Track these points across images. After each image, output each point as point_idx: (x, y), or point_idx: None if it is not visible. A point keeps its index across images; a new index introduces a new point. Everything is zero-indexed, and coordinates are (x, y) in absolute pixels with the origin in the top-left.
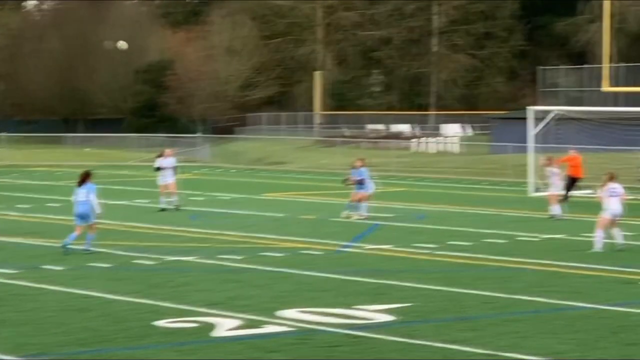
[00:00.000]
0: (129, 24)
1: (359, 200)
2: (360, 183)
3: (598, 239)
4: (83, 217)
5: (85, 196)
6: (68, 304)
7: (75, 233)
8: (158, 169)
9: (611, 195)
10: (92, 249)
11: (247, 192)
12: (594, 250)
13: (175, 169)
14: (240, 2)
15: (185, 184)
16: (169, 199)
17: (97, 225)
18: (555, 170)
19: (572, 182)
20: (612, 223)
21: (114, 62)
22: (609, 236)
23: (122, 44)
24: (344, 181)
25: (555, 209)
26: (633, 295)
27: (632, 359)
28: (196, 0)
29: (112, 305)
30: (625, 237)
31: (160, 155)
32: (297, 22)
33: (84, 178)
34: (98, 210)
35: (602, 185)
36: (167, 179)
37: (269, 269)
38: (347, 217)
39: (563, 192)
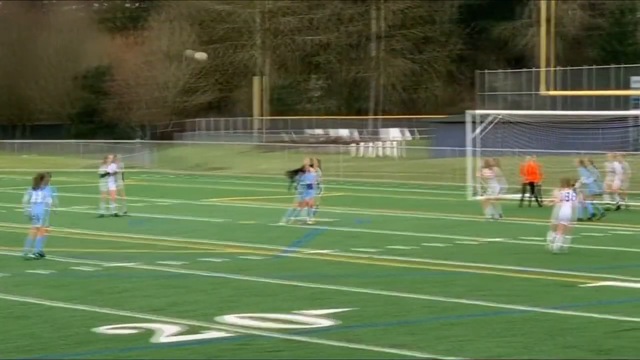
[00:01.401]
0: (68, 30)
1: (310, 205)
2: (310, 187)
3: (549, 240)
4: (35, 219)
5: (43, 198)
6: (7, 311)
7: (40, 237)
8: (105, 174)
9: (564, 200)
10: (32, 255)
11: (187, 197)
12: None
13: (119, 174)
14: (179, 7)
15: (125, 190)
16: (110, 205)
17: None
18: (491, 173)
19: (532, 188)
20: (562, 227)
21: (54, 68)
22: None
23: (200, 55)
24: (292, 186)
25: (488, 211)
26: (572, 298)
27: None
28: (135, 5)
29: (52, 312)
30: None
31: (105, 162)
32: (237, 28)
33: (40, 180)
34: (55, 213)
35: (558, 189)
36: (110, 185)
37: (210, 274)
38: (304, 223)
39: (525, 198)
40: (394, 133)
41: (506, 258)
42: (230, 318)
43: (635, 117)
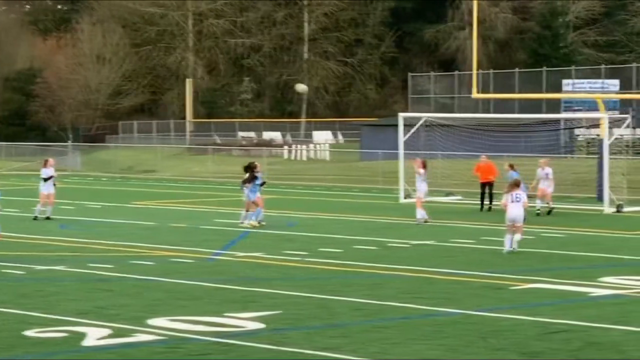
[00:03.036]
0: None
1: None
2: (261, 186)
3: (506, 242)
4: None
5: None
6: None
7: None
8: (48, 178)
9: (514, 201)
10: None
11: (117, 200)
12: (504, 251)
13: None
14: (110, 9)
15: (56, 192)
16: (44, 208)
17: None
18: (421, 171)
19: (490, 189)
20: (514, 228)
21: None
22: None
23: (303, 88)
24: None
25: (420, 213)
26: (502, 301)
27: None
28: (64, 7)
29: None
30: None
31: (46, 165)
32: (168, 30)
33: None
34: None
35: (507, 191)
36: (50, 188)
37: (140, 277)
38: (253, 226)
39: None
40: (325, 136)
41: (436, 261)
42: (160, 321)
43: (566, 120)
